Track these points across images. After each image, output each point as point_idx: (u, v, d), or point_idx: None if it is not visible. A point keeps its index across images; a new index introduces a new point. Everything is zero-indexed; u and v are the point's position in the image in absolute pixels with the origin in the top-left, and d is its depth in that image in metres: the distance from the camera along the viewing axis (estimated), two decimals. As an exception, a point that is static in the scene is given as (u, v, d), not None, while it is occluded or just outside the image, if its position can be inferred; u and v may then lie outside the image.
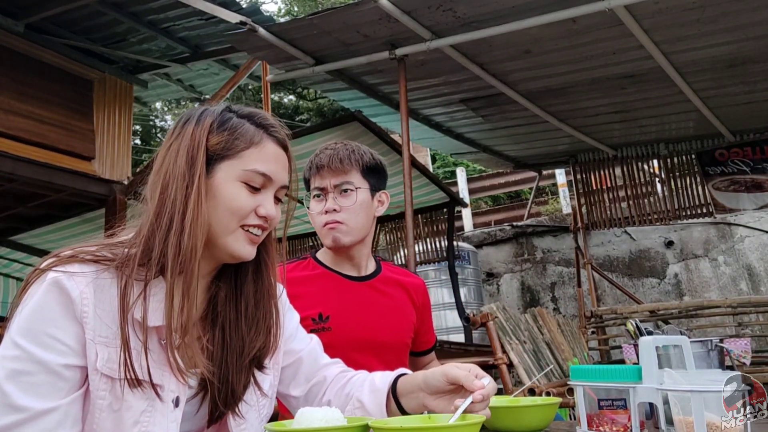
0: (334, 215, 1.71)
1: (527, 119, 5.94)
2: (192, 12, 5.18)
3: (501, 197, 11.38)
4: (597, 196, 7.13)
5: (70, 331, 0.97)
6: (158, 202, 1.04)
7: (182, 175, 1.04)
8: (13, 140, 4.90)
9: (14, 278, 7.90)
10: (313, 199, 1.76)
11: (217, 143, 1.08)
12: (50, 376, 0.95)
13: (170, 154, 1.08)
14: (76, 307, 0.97)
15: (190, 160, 1.05)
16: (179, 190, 1.03)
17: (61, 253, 1.01)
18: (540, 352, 3.90)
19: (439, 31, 4.20)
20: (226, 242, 1.08)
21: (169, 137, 1.11)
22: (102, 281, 1.00)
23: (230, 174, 1.07)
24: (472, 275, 6.99)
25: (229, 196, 1.07)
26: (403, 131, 4.38)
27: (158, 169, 1.08)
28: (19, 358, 0.94)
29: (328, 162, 1.72)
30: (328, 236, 1.73)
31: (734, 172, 6.59)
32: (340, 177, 1.72)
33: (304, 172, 1.80)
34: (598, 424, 1.14)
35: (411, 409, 1.19)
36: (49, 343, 0.95)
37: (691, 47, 4.45)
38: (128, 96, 6.13)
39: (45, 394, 0.94)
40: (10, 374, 0.93)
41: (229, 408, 1.10)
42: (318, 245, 9.13)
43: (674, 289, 6.79)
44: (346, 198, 1.72)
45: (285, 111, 14.74)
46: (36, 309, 0.96)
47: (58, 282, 0.97)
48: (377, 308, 1.77)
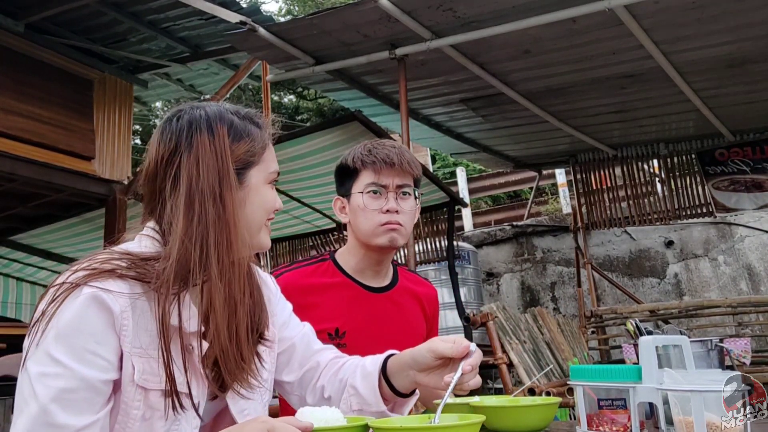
0: (395, 216, 1.66)
1: (527, 119, 5.94)
2: (192, 12, 5.18)
3: (501, 197, 11.38)
4: (597, 196, 7.13)
5: (110, 346, 0.97)
6: (185, 221, 1.02)
7: (212, 190, 1.04)
8: (12, 140, 4.90)
9: (14, 278, 7.90)
10: (368, 194, 1.67)
11: (243, 153, 1.10)
12: (90, 392, 0.95)
13: (188, 168, 1.04)
14: (117, 321, 0.97)
15: (219, 175, 1.05)
16: (210, 205, 1.03)
17: (92, 266, 0.99)
18: (540, 352, 3.90)
19: (439, 31, 4.20)
20: (258, 239, 1.13)
21: (173, 147, 1.07)
22: (138, 300, 1.00)
23: (261, 179, 1.12)
24: (472, 275, 6.99)
25: (264, 200, 1.12)
26: (403, 131, 4.38)
27: (173, 184, 1.04)
28: (62, 376, 0.93)
29: (399, 161, 1.66)
30: (384, 236, 1.66)
31: (734, 171, 6.59)
32: (403, 178, 1.68)
33: (350, 162, 1.70)
34: (598, 424, 1.14)
35: (403, 387, 1.22)
36: (91, 360, 0.95)
37: (691, 47, 4.45)
38: (128, 96, 6.13)
39: (84, 410, 0.94)
40: (55, 394, 0.92)
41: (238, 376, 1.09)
42: (318, 245, 9.02)
43: (674, 289, 6.79)
44: (405, 201, 1.68)
45: (285, 111, 14.74)
46: (75, 324, 0.95)
47: (96, 296, 0.96)
48: (392, 325, 1.73)
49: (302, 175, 5.81)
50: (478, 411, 1.24)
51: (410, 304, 1.80)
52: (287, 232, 7.56)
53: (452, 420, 1.13)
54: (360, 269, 1.74)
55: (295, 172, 5.64)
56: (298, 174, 5.73)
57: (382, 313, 1.72)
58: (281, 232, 7.55)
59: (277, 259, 7.98)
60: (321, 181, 5.98)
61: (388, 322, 1.72)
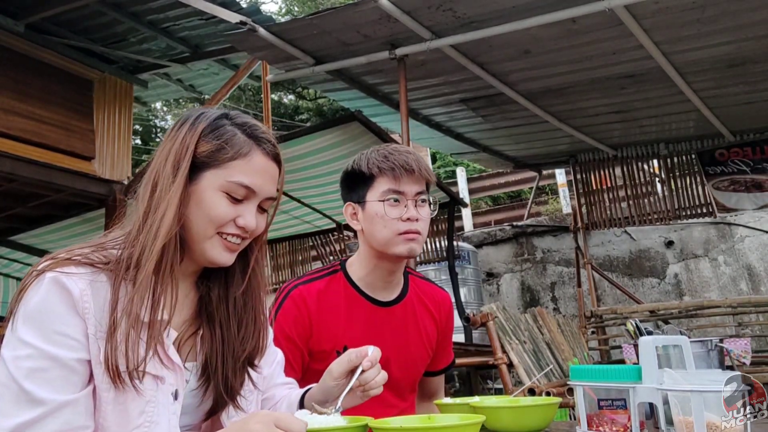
0: (415, 225, 1.60)
1: (527, 119, 5.94)
2: (192, 12, 5.18)
3: (501, 197, 11.38)
4: (597, 196, 7.13)
5: (76, 326, 0.99)
6: (146, 204, 1.07)
7: (168, 178, 1.07)
8: (12, 140, 4.90)
9: (14, 278, 7.91)
10: (388, 202, 1.60)
11: (204, 151, 1.10)
12: (64, 371, 0.97)
13: (161, 155, 1.10)
14: (78, 304, 1.00)
15: (176, 164, 1.08)
16: (164, 192, 1.06)
17: (57, 256, 1.04)
18: (540, 352, 3.90)
19: (439, 31, 4.20)
20: (203, 248, 1.11)
21: (166, 138, 1.13)
22: (98, 283, 1.03)
23: (214, 183, 1.09)
24: (472, 275, 6.99)
25: (208, 205, 1.09)
26: (403, 131, 4.38)
27: (151, 170, 1.11)
28: (33, 357, 0.96)
29: (418, 167, 1.60)
30: (403, 245, 1.60)
31: (734, 172, 6.59)
32: (421, 185, 1.63)
33: (364, 168, 1.63)
34: (598, 424, 1.14)
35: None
36: (59, 340, 0.98)
37: (691, 47, 4.45)
38: (128, 96, 6.13)
39: (62, 388, 0.97)
40: (27, 373, 0.95)
41: (230, 400, 1.15)
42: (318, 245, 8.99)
43: (674, 289, 6.79)
44: (423, 208, 1.63)
45: (285, 111, 14.74)
46: (40, 307, 0.98)
47: (58, 280, 1.00)
48: (400, 340, 1.70)
49: (302, 175, 5.81)
50: (478, 411, 1.24)
51: (421, 314, 1.76)
52: (287, 232, 7.56)
53: (452, 420, 1.13)
54: (370, 282, 1.68)
55: (295, 172, 5.64)
56: (297, 174, 5.73)
57: (389, 329, 1.68)
58: (281, 232, 7.55)
59: (277, 259, 7.99)
60: (321, 181, 5.98)
61: (396, 338, 1.69)
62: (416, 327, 1.74)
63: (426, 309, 1.78)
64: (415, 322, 1.74)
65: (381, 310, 1.68)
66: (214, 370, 1.13)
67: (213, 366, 1.13)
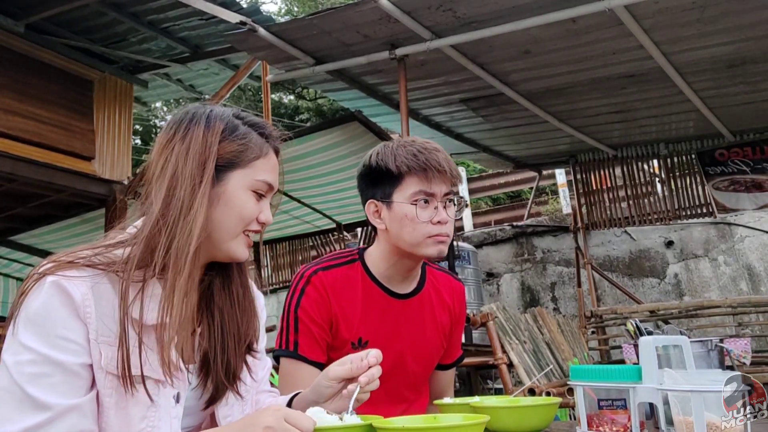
0: (444, 227, 1.56)
1: (527, 119, 5.94)
2: (192, 12, 5.18)
3: (501, 197, 11.38)
4: (597, 196, 7.13)
5: (78, 331, 0.99)
6: (163, 203, 1.06)
7: (191, 178, 1.06)
8: (13, 140, 4.90)
9: (14, 278, 7.91)
10: (419, 204, 1.55)
11: (230, 152, 1.11)
12: (67, 376, 0.97)
13: (177, 154, 1.09)
14: (79, 308, 0.99)
15: (201, 165, 1.08)
16: (187, 193, 1.06)
17: (59, 258, 1.03)
18: (540, 352, 3.90)
19: (439, 31, 4.20)
20: (229, 246, 1.12)
21: (171, 135, 1.12)
22: (100, 285, 1.02)
23: (242, 183, 1.11)
24: (472, 275, 6.99)
25: (240, 204, 1.11)
26: (403, 131, 4.38)
27: (162, 168, 1.09)
28: (35, 362, 0.95)
29: (449, 168, 1.55)
30: (432, 248, 1.56)
31: (734, 172, 6.59)
32: (449, 185, 1.58)
33: (392, 166, 1.56)
34: (598, 424, 1.14)
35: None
36: (62, 344, 0.97)
37: (691, 47, 4.45)
38: (128, 96, 6.13)
39: (66, 392, 0.96)
40: (30, 378, 0.94)
41: (231, 385, 1.15)
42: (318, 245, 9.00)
43: (674, 289, 6.79)
44: (450, 209, 1.59)
45: (285, 111, 14.74)
46: (42, 312, 0.97)
47: (59, 284, 0.99)
48: (415, 331, 1.67)
49: (302, 175, 5.81)
50: (478, 411, 1.24)
51: (437, 306, 1.74)
52: (287, 232, 7.57)
53: (457, 420, 1.13)
54: (389, 275, 1.65)
55: (295, 172, 5.65)
56: (298, 174, 5.73)
57: (405, 321, 1.67)
58: (281, 232, 7.55)
59: (277, 259, 7.99)
60: (321, 181, 5.98)
61: (412, 330, 1.67)
62: (432, 319, 1.72)
63: (441, 300, 1.75)
64: (432, 313, 1.72)
65: (397, 303, 1.66)
66: (215, 357, 1.13)
67: (213, 353, 1.13)
